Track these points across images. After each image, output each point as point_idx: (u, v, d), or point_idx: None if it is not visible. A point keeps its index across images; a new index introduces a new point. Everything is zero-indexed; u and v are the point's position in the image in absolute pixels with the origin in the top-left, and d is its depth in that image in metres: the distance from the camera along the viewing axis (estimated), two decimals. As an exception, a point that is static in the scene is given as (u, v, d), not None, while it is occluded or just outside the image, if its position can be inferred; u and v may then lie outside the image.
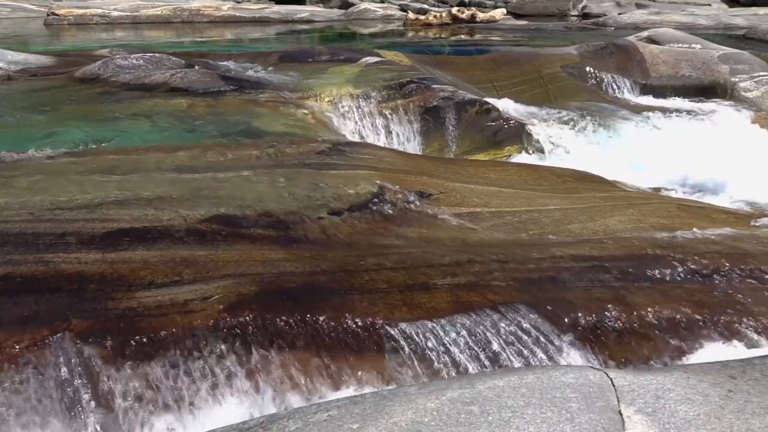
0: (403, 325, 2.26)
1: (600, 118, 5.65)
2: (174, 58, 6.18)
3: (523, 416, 1.61)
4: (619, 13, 15.58)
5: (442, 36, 12.19)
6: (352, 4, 17.51)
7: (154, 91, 5.27)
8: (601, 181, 4.05)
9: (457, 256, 2.73)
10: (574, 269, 2.63)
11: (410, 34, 12.94)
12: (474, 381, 1.81)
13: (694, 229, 3.10)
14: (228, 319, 2.21)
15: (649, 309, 2.45)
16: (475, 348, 2.24)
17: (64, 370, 2.03)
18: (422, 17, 14.57)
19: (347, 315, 2.28)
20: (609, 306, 2.44)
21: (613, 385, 1.75)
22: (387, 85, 5.63)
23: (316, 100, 5.33)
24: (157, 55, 6.28)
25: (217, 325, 2.19)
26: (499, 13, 15.38)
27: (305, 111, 5.09)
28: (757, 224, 3.27)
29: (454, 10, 15.01)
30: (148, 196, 3.07)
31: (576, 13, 17.34)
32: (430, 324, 2.28)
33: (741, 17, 14.46)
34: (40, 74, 6.17)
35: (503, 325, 2.31)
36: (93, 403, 2.01)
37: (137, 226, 2.78)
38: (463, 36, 11.93)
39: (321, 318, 2.26)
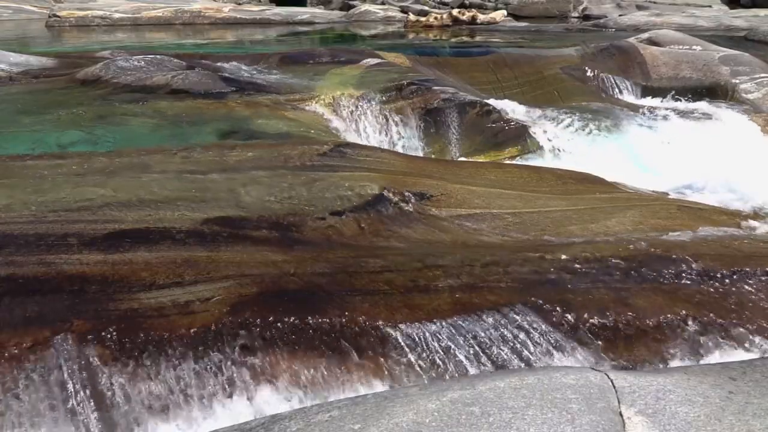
0: (404, 327, 2.27)
1: (600, 119, 5.66)
2: (175, 60, 6.18)
3: (523, 417, 1.62)
4: (620, 15, 15.57)
5: (443, 38, 12.19)
6: (353, 6, 17.54)
7: (156, 92, 5.27)
8: (601, 183, 4.05)
9: (458, 257, 2.73)
10: (575, 271, 2.63)
11: (411, 35, 12.94)
12: (475, 382, 1.81)
13: (695, 231, 3.11)
14: (229, 320, 2.21)
15: (649, 310, 2.45)
16: (476, 349, 2.24)
17: (65, 371, 2.04)
18: (423, 19, 14.58)
19: (348, 316, 2.29)
20: (610, 307, 2.44)
21: (614, 387, 1.76)
22: (388, 87, 5.63)
23: (317, 102, 5.33)
24: (158, 56, 6.28)
25: (218, 326, 2.19)
26: (499, 15, 15.38)
27: (306, 112, 5.10)
28: (758, 225, 3.28)
29: (455, 11, 15.02)
30: (150, 198, 3.08)
31: (576, 14, 17.35)
32: (431, 325, 2.28)
33: (741, 19, 14.45)
34: (41, 76, 6.16)
35: (504, 326, 2.31)
36: (94, 404, 2.02)
37: (139, 228, 2.79)
38: (463, 37, 11.92)
39: (322, 319, 2.26)
